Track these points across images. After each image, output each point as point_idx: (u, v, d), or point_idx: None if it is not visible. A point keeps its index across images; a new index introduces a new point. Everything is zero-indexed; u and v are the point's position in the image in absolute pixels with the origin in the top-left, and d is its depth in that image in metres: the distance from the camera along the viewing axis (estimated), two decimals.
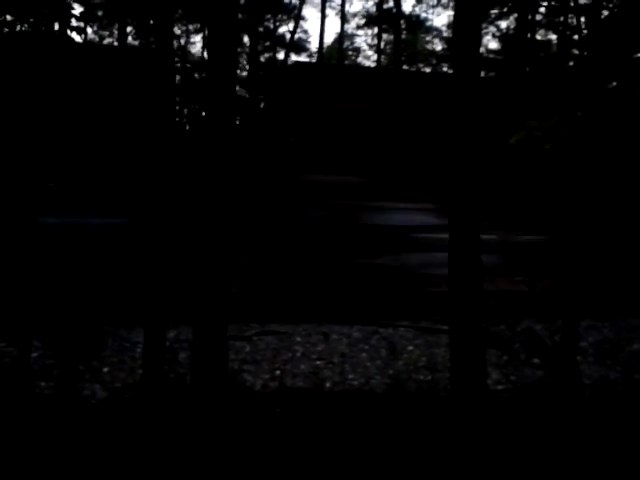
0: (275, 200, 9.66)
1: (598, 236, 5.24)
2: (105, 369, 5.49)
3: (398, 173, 9.75)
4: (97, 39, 24.89)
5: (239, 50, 20.50)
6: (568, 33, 20.18)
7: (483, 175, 4.14)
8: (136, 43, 24.40)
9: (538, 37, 21.73)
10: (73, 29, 5.24)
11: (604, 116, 5.20)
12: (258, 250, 8.76)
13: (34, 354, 5.12)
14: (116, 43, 22.87)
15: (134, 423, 3.89)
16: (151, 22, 19.84)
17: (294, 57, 25.38)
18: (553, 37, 22.66)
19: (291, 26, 24.27)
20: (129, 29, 22.44)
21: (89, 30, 22.29)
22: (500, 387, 5.30)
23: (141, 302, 4.50)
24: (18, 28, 4.88)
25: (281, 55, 25.25)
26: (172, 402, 4.12)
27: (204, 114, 4.12)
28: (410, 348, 6.79)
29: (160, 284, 4.29)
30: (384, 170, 9.76)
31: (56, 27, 5.63)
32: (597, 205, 4.76)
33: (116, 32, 23.00)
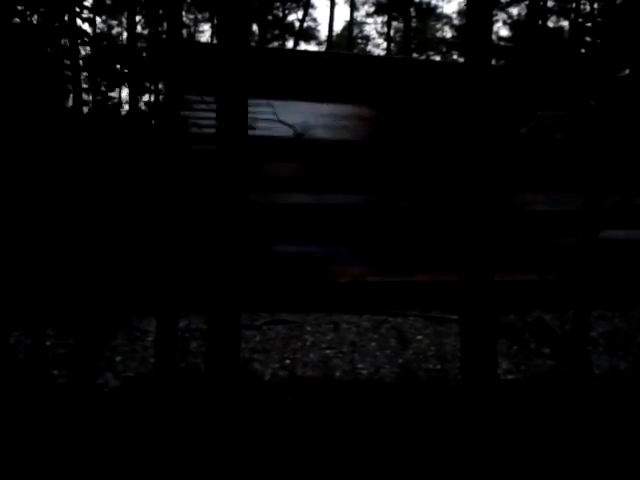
0: None
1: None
2: (118, 358, 5.54)
3: None
4: (106, 29, 24.86)
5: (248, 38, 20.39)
6: (580, 20, 19.95)
7: (496, 165, 4.13)
8: (145, 32, 24.37)
9: (550, 24, 21.52)
10: (84, 20, 5.25)
11: (616, 105, 5.14)
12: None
13: (47, 342, 5.18)
14: (125, 33, 22.84)
15: (148, 412, 3.92)
16: (160, 12, 19.82)
17: (303, 45, 25.28)
18: (565, 24, 22.43)
19: (300, 14, 24.14)
20: (138, 18, 22.39)
21: (97, 20, 22.24)
22: (510, 377, 5.29)
23: (153, 292, 4.53)
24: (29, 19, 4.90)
25: (290, 43, 25.16)
26: (185, 391, 4.15)
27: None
28: (420, 337, 6.80)
29: (172, 274, 4.31)
30: None
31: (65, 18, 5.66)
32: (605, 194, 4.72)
33: (125, 21, 22.95)
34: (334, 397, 4.36)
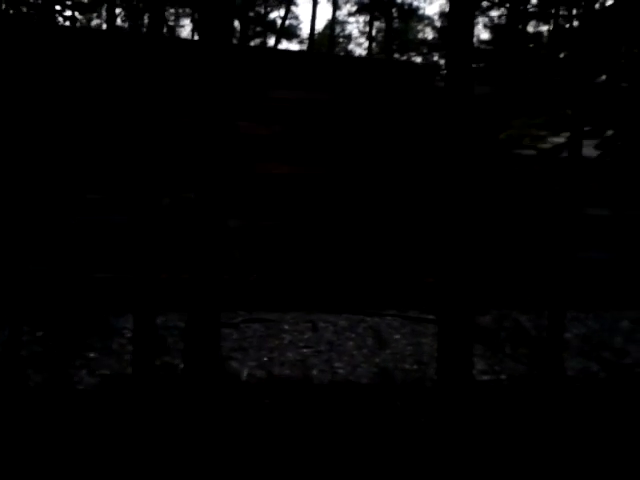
0: None
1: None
2: (94, 356, 5.48)
3: None
4: (84, 21, 24.56)
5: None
6: (560, 24, 20.18)
7: (476, 168, 4.17)
8: (125, 25, 24.12)
9: (530, 29, 21.74)
10: (65, 18, 5.18)
11: (593, 113, 5.23)
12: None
13: (22, 339, 5.10)
14: (104, 26, 22.57)
15: (125, 412, 3.89)
16: (140, 5, 19.62)
17: (285, 43, 25.23)
18: (544, 28, 22.66)
19: (282, 12, 24.09)
20: (117, 10, 22.16)
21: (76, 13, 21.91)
22: (486, 377, 5.35)
23: (131, 289, 4.49)
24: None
25: (271, 41, 25.08)
26: (163, 390, 4.13)
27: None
28: (397, 337, 6.84)
29: (150, 271, 4.28)
30: None
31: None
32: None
33: (104, 14, 22.69)
34: (312, 400, 4.37)
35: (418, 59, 28.10)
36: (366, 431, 3.87)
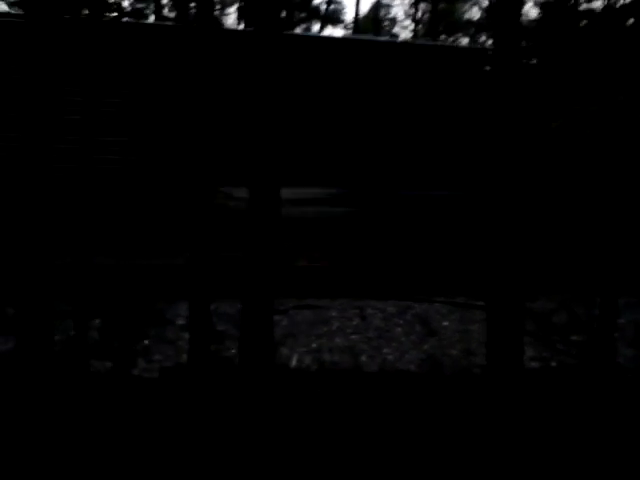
0: None
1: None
2: (148, 343, 5.66)
3: None
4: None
5: None
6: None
7: (526, 149, 4.12)
8: (172, 15, 24.42)
9: (582, 7, 21.00)
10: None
11: None
12: None
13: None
14: (153, 15, 22.91)
15: (184, 401, 4.02)
16: None
17: (330, 29, 25.11)
18: (597, 4, 21.91)
19: None
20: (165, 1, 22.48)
21: (126, 3, 22.33)
22: (535, 364, 5.30)
23: (185, 277, 4.61)
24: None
25: (316, 27, 25.01)
26: (219, 380, 4.25)
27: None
28: (445, 324, 6.82)
29: (205, 259, 4.39)
30: None
31: None
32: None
33: (153, 4, 23.01)
34: (362, 388, 4.42)
35: (465, 40, 27.56)
36: (415, 420, 3.92)
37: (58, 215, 4.17)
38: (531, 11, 24.88)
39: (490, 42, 24.90)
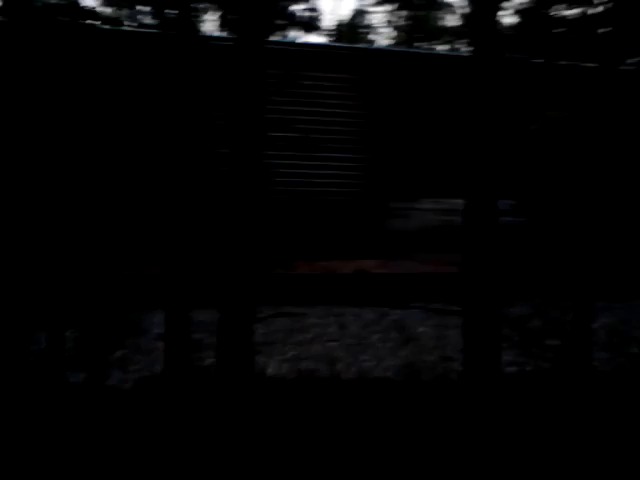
0: None
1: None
2: (124, 353, 5.59)
3: None
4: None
5: None
6: (588, 7, 19.75)
7: (501, 158, 4.16)
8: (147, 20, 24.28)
9: (556, 13, 21.27)
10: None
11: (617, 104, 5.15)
12: None
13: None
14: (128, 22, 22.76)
15: (160, 412, 3.98)
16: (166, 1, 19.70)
17: (307, 36, 25.16)
18: (573, 12, 22.19)
19: (304, 5, 24.01)
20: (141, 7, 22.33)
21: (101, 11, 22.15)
22: (511, 369, 5.33)
23: (162, 284, 4.56)
24: None
25: (292, 34, 25.04)
26: (196, 389, 4.21)
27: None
28: (421, 330, 6.85)
29: (184, 267, 4.35)
30: None
31: None
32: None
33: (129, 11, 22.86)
34: (339, 395, 4.41)
35: (443, 47, 27.77)
36: (393, 425, 3.91)
37: None
38: (507, 18, 25.12)
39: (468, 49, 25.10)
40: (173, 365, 4.34)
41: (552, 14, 20.86)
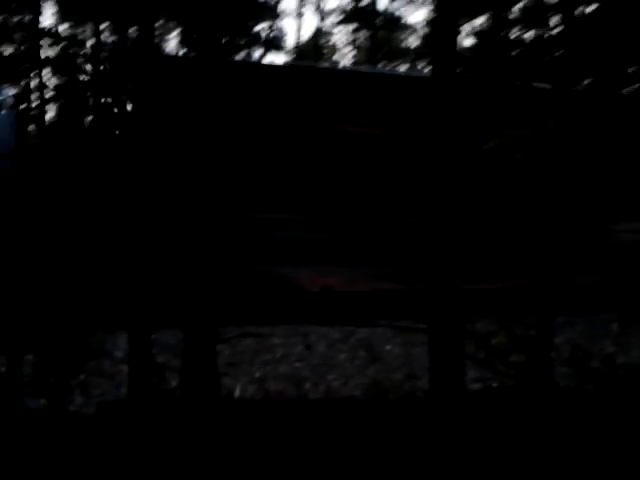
0: None
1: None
2: (85, 377, 5.45)
3: None
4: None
5: None
6: (542, 31, 20.37)
7: (462, 179, 4.22)
8: (110, 40, 24.09)
9: (513, 35, 21.88)
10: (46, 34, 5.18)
11: (576, 124, 5.30)
12: None
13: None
14: (90, 41, 22.53)
15: (123, 437, 3.89)
16: (129, 19, 19.63)
17: (270, 55, 25.32)
18: (528, 35, 22.86)
19: (267, 24, 24.21)
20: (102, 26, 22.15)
21: (60, 28, 21.93)
22: (476, 386, 5.38)
23: (124, 306, 4.48)
24: None
25: (257, 53, 25.17)
26: (160, 413, 4.12)
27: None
28: (388, 348, 6.86)
29: (145, 287, 4.29)
30: None
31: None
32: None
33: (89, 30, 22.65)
34: (306, 416, 4.38)
35: (404, 67, 28.25)
36: (360, 444, 3.89)
37: None
38: (466, 40, 25.76)
39: (428, 69, 25.62)
40: (138, 388, 4.25)
41: (510, 36, 21.45)
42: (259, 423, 4.25)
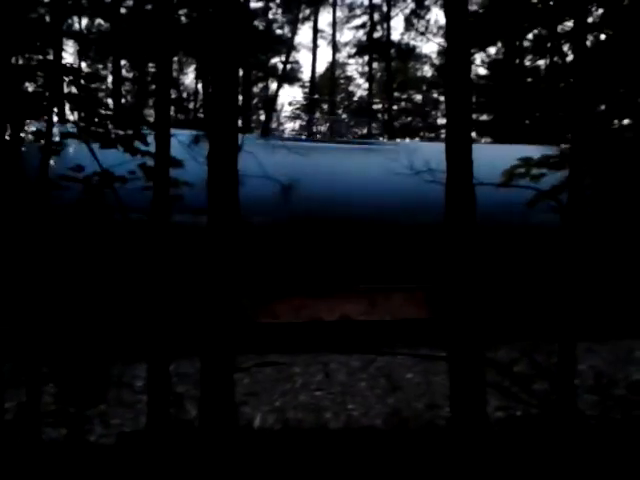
0: None
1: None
2: (105, 408, 5.46)
3: None
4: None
5: None
6: (555, 59, 20.49)
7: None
8: (130, 75, 24.65)
9: (527, 63, 22.03)
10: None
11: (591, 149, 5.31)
12: None
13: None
14: (110, 76, 23.08)
15: (143, 467, 3.87)
16: (145, 55, 20.08)
17: (287, 88, 25.70)
18: (541, 62, 23.02)
19: (283, 57, 24.62)
20: (123, 62, 22.68)
21: (83, 64, 22.51)
22: (500, 414, 5.29)
23: (143, 337, 4.50)
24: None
25: (274, 86, 25.55)
26: (179, 443, 4.11)
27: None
28: (409, 376, 6.80)
29: (163, 319, 4.30)
30: None
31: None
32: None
33: (110, 65, 23.20)
34: (327, 446, 4.33)
35: (418, 97, 28.51)
36: (382, 474, 3.84)
37: None
38: (480, 69, 26.01)
39: (442, 98, 25.83)
40: (157, 418, 4.24)
41: (524, 65, 21.58)
42: (279, 453, 4.21)
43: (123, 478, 3.83)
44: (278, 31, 23.18)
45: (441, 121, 26.21)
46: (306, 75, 27.10)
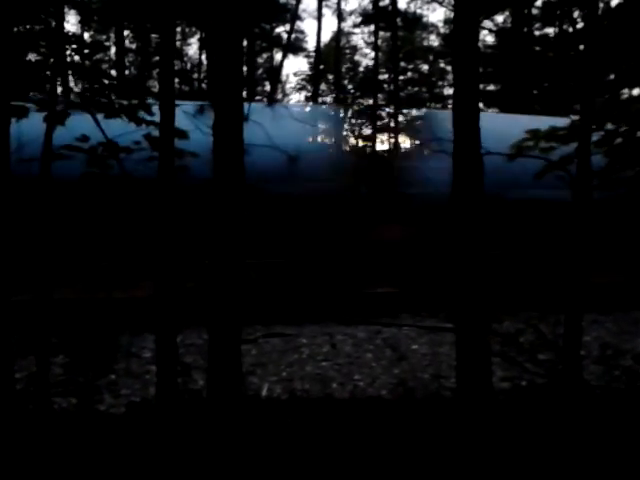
0: None
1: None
2: (117, 380, 5.53)
3: None
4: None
5: None
6: (564, 27, 20.15)
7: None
8: (133, 46, 24.43)
9: (535, 32, 21.69)
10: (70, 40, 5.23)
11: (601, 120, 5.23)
12: None
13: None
14: (114, 47, 22.86)
15: (152, 438, 3.92)
16: (149, 25, 19.86)
17: (291, 57, 25.39)
18: (550, 30, 22.62)
19: (287, 26, 24.29)
20: (126, 33, 22.45)
21: (86, 35, 22.29)
22: (505, 385, 5.33)
23: (151, 308, 4.51)
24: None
25: (278, 56, 25.26)
26: (188, 414, 4.15)
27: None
28: (415, 347, 6.83)
29: (171, 289, 4.30)
30: None
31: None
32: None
33: (113, 36, 22.96)
34: (334, 415, 4.37)
35: (424, 67, 28.15)
36: (388, 446, 3.87)
37: None
38: (488, 38, 25.57)
39: (449, 68, 25.49)
40: (166, 389, 4.28)
41: (532, 33, 21.25)
42: (286, 422, 4.25)
43: (133, 446, 3.88)
44: None
45: (448, 91, 25.92)
46: (311, 45, 26.78)
